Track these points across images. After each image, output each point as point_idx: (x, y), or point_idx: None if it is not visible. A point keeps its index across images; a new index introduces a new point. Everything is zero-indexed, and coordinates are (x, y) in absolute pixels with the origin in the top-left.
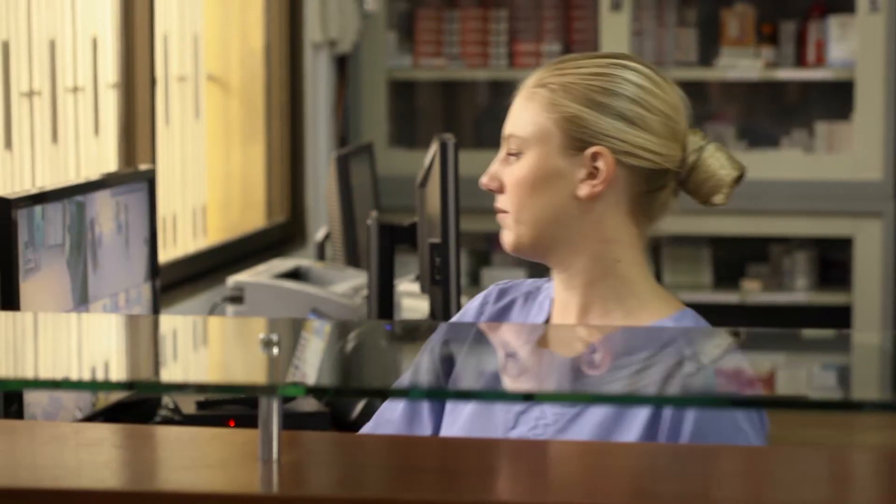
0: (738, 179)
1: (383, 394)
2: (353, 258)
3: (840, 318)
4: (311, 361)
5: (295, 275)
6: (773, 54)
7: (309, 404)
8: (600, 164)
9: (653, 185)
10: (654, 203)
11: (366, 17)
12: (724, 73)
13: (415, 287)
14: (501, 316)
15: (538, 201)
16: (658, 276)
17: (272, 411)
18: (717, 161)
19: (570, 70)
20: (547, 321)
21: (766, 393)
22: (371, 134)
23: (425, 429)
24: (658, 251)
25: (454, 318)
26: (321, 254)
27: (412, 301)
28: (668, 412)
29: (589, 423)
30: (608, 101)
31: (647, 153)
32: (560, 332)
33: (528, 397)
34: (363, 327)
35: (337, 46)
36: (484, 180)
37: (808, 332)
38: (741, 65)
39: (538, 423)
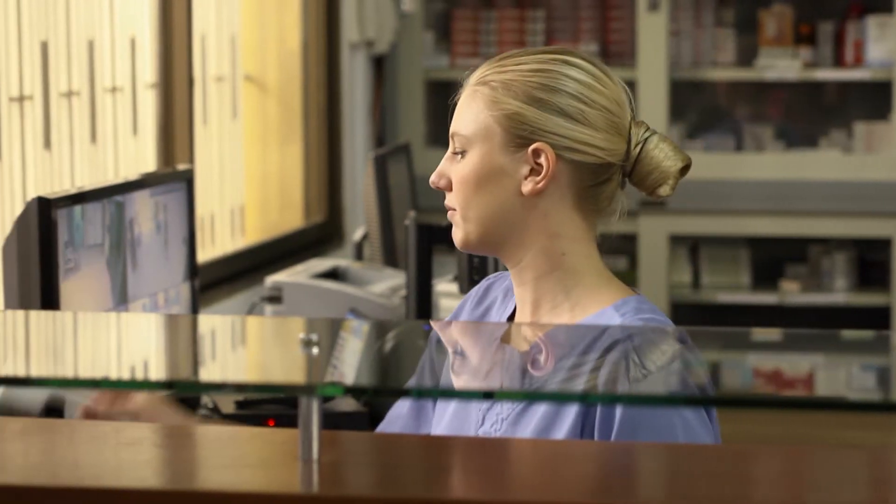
0: (684, 170)
1: (421, 394)
2: (390, 258)
3: (879, 318)
4: (350, 361)
5: (333, 275)
6: (811, 54)
7: (347, 404)
8: (542, 160)
9: (598, 179)
10: (601, 196)
11: (403, 18)
12: (761, 73)
13: (453, 287)
14: (484, 315)
15: (483, 199)
16: (696, 277)
17: (312, 411)
18: (661, 153)
19: (511, 67)
20: (513, 315)
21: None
22: (408, 134)
23: (430, 425)
24: (696, 252)
25: (450, 316)
26: (359, 254)
27: (450, 301)
28: (598, 407)
29: (533, 418)
30: (549, 98)
31: (589, 148)
32: (512, 331)
33: (489, 395)
34: (401, 327)
35: (374, 46)
36: (432, 178)
37: (848, 333)
38: (779, 65)
39: (497, 417)
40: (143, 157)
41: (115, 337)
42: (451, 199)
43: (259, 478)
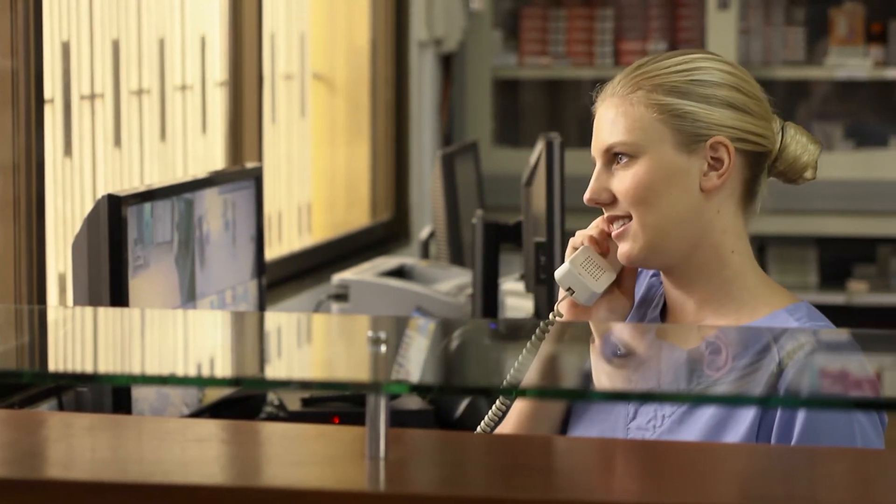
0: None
1: (486, 392)
2: (457, 256)
3: None
4: (415, 359)
5: (399, 273)
6: (882, 53)
7: (413, 402)
8: (722, 153)
9: (757, 170)
10: (758, 189)
11: (471, 16)
12: (832, 72)
13: (519, 286)
14: (642, 312)
15: (663, 202)
16: None
17: (379, 409)
18: (802, 138)
19: (659, 71)
20: (662, 319)
21: (885, 392)
22: (476, 132)
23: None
24: (764, 251)
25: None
26: (425, 252)
27: (516, 300)
28: (777, 410)
29: (704, 416)
30: (712, 92)
31: (756, 137)
32: (671, 333)
33: (622, 396)
34: (467, 326)
35: (442, 45)
36: (588, 196)
37: None
38: (850, 64)
39: (657, 413)
40: (212, 155)
41: (182, 334)
42: (619, 211)
43: (327, 475)
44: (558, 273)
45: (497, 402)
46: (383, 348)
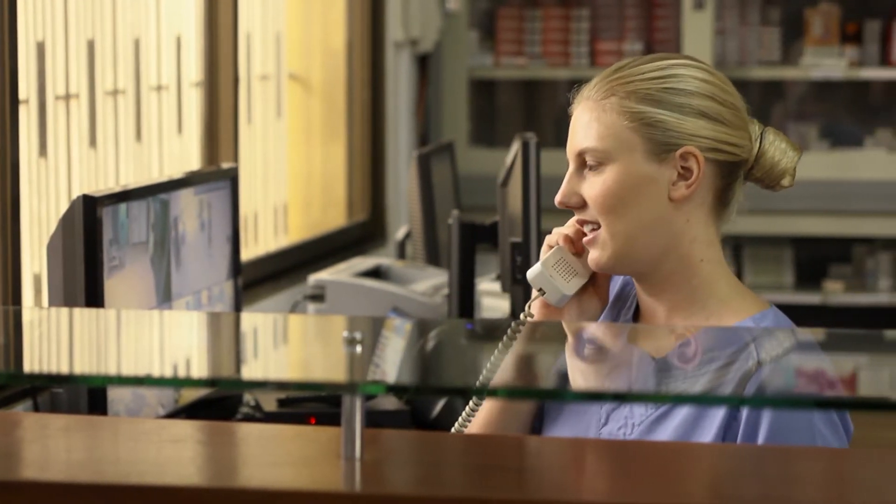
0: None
1: (463, 392)
2: (433, 257)
3: None
4: (392, 360)
5: (375, 273)
6: (857, 53)
7: (389, 402)
8: (691, 163)
9: (730, 179)
10: (731, 197)
11: (447, 16)
12: (807, 72)
13: (495, 286)
14: (616, 314)
15: (631, 211)
16: (739, 276)
17: (355, 409)
18: (780, 144)
19: (634, 77)
20: (635, 321)
21: (846, 394)
22: (452, 133)
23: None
24: (740, 251)
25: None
26: (402, 252)
27: (492, 300)
28: (744, 413)
29: (672, 423)
30: (686, 101)
31: (729, 146)
32: (646, 334)
33: (596, 396)
34: (443, 326)
35: (418, 45)
36: (559, 199)
37: (892, 334)
38: (825, 64)
39: (627, 421)
40: (187, 156)
41: (158, 335)
42: (588, 216)
43: (302, 476)
44: (530, 273)
45: (471, 402)
46: (359, 349)
